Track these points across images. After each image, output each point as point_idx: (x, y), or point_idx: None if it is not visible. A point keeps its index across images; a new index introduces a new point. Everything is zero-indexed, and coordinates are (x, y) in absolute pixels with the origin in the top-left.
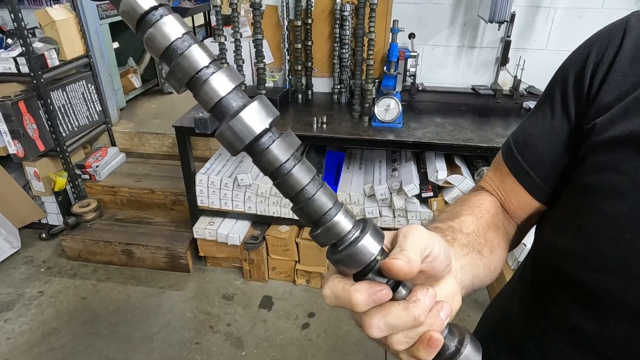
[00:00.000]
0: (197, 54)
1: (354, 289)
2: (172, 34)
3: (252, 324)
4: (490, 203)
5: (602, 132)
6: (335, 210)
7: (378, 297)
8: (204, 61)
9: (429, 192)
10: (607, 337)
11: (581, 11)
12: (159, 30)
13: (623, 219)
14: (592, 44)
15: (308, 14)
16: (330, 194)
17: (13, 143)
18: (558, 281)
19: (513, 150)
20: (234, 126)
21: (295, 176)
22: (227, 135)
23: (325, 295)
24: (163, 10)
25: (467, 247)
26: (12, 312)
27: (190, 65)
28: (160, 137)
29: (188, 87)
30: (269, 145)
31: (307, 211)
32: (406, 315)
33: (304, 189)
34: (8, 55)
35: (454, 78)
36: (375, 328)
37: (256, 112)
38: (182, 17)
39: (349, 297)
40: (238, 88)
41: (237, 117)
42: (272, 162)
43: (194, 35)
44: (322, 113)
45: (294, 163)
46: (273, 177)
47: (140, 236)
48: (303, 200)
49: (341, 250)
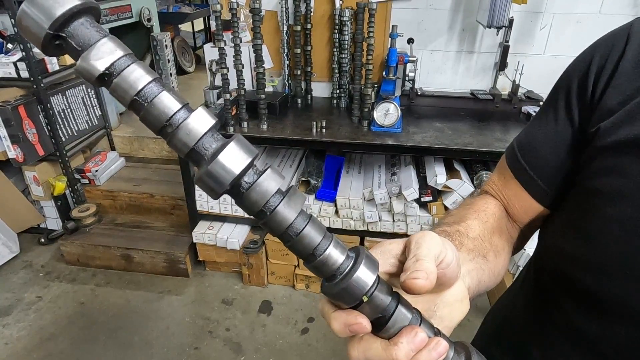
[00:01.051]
0: (167, 100)
1: (332, 317)
2: (139, 83)
3: (251, 329)
4: (494, 207)
5: (606, 136)
6: (326, 243)
7: (353, 329)
8: (174, 107)
9: (428, 196)
10: (610, 340)
11: (579, 16)
12: (124, 80)
13: (627, 222)
14: (595, 50)
15: (307, 19)
16: (319, 227)
17: (12, 147)
18: (561, 284)
19: (517, 154)
20: (212, 170)
21: (281, 214)
22: (206, 179)
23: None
24: (126, 60)
25: (473, 252)
26: (10, 317)
27: (161, 114)
28: (159, 141)
29: (160, 134)
30: (252, 185)
31: (297, 248)
32: (385, 356)
33: (290, 225)
34: (8, 60)
35: (452, 83)
36: (353, 350)
37: (235, 152)
38: (146, 65)
39: (328, 322)
40: (213, 129)
41: (216, 161)
42: (256, 202)
43: (160, 81)
44: (322, 117)
45: (279, 200)
46: (259, 216)
47: (139, 241)
48: (292, 237)
49: (335, 284)
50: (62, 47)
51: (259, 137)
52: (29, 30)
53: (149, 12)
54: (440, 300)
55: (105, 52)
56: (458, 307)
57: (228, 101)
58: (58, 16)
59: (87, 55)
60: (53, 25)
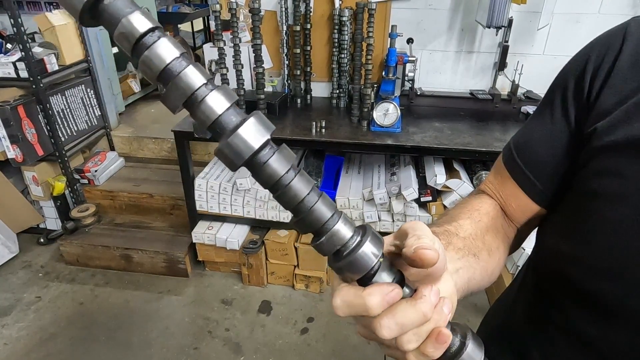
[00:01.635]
0: (193, 75)
1: (366, 293)
2: (168, 56)
3: (250, 329)
4: (489, 206)
5: (603, 137)
6: (336, 218)
7: (391, 297)
8: (200, 81)
9: (427, 196)
10: (610, 342)
11: (578, 16)
12: (154, 53)
13: (625, 223)
14: (591, 49)
15: (307, 19)
16: (329, 203)
17: (12, 148)
18: (560, 285)
19: (513, 153)
20: (232, 143)
21: (295, 188)
22: (225, 152)
23: (336, 306)
24: (158, 32)
25: (462, 251)
26: (9, 317)
27: (186, 86)
28: (159, 141)
29: (185, 107)
30: (268, 159)
31: (308, 221)
32: (414, 312)
33: (304, 199)
34: (7, 60)
35: (452, 83)
36: (385, 329)
37: (253, 127)
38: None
39: (363, 302)
40: (234, 106)
41: (235, 134)
42: (271, 175)
43: (189, 57)
44: (321, 117)
45: (293, 175)
46: (273, 189)
47: (138, 241)
48: (304, 211)
49: (344, 257)
50: (99, 15)
51: None
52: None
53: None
54: None
55: (140, 22)
56: None
57: None
58: None
59: (123, 23)
60: None
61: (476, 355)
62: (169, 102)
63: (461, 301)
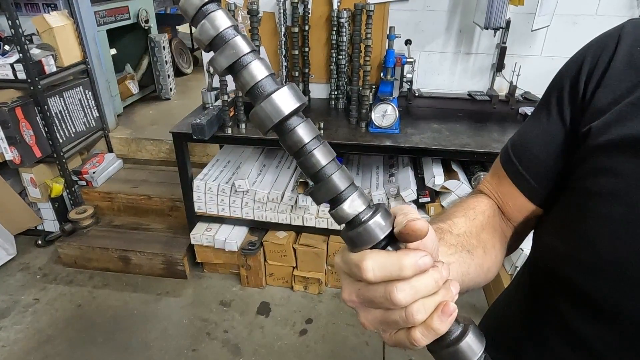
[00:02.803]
0: (241, 43)
1: (402, 253)
2: (221, 25)
3: (249, 331)
4: (486, 205)
5: (597, 136)
6: (352, 190)
7: (423, 262)
8: (246, 49)
9: (426, 197)
10: (605, 341)
11: (575, 18)
12: (210, 21)
13: (619, 222)
14: (587, 51)
15: (305, 21)
16: (347, 176)
17: (9, 149)
18: (556, 284)
19: (510, 153)
20: (265, 107)
21: (317, 156)
22: (259, 114)
23: (366, 269)
24: (214, 5)
25: (455, 247)
26: (7, 319)
27: (234, 52)
28: (157, 143)
29: (229, 71)
30: (295, 127)
31: (325, 189)
32: (428, 278)
33: (324, 168)
34: (5, 61)
35: (450, 84)
36: (401, 292)
37: (286, 96)
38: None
39: (399, 262)
40: (272, 75)
41: (269, 99)
42: (297, 142)
43: (238, 28)
44: (320, 119)
45: (316, 144)
46: (297, 155)
47: (137, 242)
48: (322, 178)
49: (356, 226)
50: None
51: (257, 139)
52: None
53: (146, 13)
54: None
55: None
56: None
57: (226, 102)
58: None
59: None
60: None
61: (476, 346)
62: (216, 65)
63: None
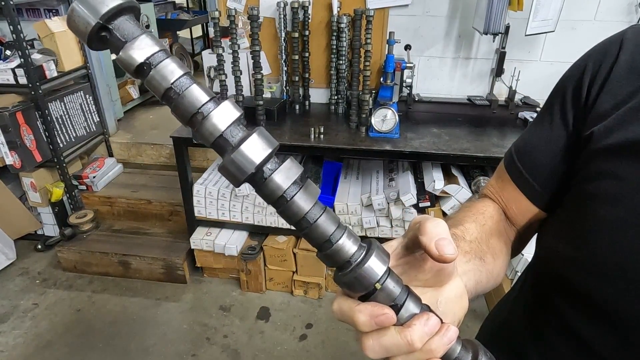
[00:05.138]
0: (197, 92)
1: (357, 309)
2: (171, 76)
3: (249, 336)
4: (493, 210)
5: (599, 140)
6: (339, 233)
7: (380, 320)
8: (202, 99)
9: (426, 201)
10: (607, 343)
11: (574, 23)
12: (158, 73)
13: (620, 225)
14: (589, 57)
15: (305, 26)
16: (333, 217)
17: (10, 154)
18: (558, 287)
19: (514, 157)
20: (235, 159)
21: (298, 203)
22: (228, 168)
23: (333, 311)
24: (163, 54)
25: (469, 254)
26: (6, 324)
27: (190, 106)
28: (157, 147)
29: (189, 125)
30: (270, 175)
31: (311, 236)
32: (400, 340)
33: (306, 215)
34: (6, 66)
35: (449, 89)
36: (370, 350)
37: (256, 143)
38: (179, 61)
39: (352, 317)
40: (237, 122)
41: (238, 150)
42: (274, 190)
43: (192, 76)
44: (320, 123)
45: (295, 190)
46: (276, 205)
47: (136, 247)
48: (306, 226)
49: (347, 273)
50: (106, 39)
51: None
52: (78, 23)
53: (147, 18)
54: (442, 297)
55: (146, 45)
56: (458, 302)
57: None
58: (109, 9)
59: (129, 46)
60: (103, 17)
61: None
62: (177, 118)
63: None
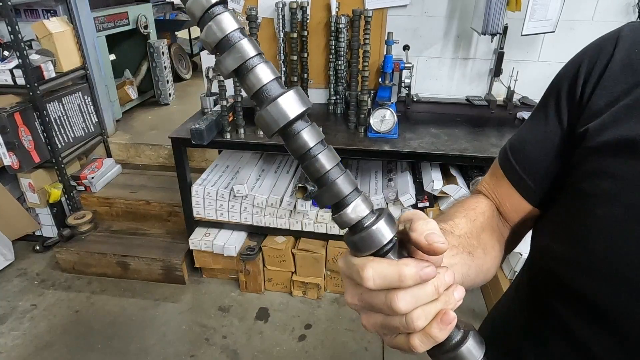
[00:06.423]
0: (247, 46)
1: (403, 263)
2: (228, 28)
3: (248, 336)
4: (485, 206)
5: (594, 138)
6: (356, 195)
7: (425, 273)
8: (252, 52)
9: (424, 202)
10: (602, 342)
11: (572, 23)
12: (217, 23)
13: (614, 223)
14: (584, 54)
15: (304, 27)
16: (351, 180)
17: (8, 155)
18: (553, 286)
19: (508, 155)
20: (270, 111)
21: (321, 160)
22: (265, 117)
23: (367, 277)
24: (221, 7)
25: (457, 248)
26: (4, 325)
27: (240, 55)
28: (156, 148)
29: (235, 74)
30: (300, 131)
31: (329, 193)
32: (429, 286)
33: (328, 172)
34: (4, 67)
35: (448, 89)
36: (402, 301)
37: (292, 100)
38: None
39: (398, 271)
40: (278, 79)
41: (275, 103)
42: (301, 146)
43: (244, 31)
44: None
45: (321, 149)
46: (301, 159)
47: (135, 248)
48: (326, 182)
49: (359, 231)
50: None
51: (256, 144)
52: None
53: (145, 19)
54: None
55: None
56: None
57: (225, 108)
58: None
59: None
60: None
61: (476, 352)
62: (222, 68)
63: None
